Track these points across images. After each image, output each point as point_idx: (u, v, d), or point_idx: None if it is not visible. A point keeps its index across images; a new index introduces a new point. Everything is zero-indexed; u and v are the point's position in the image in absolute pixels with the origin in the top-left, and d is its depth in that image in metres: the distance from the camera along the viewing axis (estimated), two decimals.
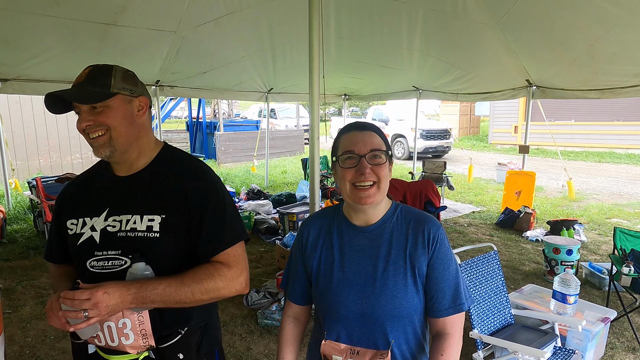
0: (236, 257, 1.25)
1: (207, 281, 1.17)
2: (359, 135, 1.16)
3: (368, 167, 1.13)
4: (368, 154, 1.13)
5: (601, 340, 2.93)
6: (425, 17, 5.11)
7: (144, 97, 1.27)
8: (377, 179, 1.14)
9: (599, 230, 6.12)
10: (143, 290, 1.10)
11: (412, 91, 8.29)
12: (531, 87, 6.21)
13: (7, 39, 4.55)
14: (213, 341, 1.33)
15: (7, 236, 5.63)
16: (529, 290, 3.28)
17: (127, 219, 1.21)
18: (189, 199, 1.22)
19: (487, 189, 9.11)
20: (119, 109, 1.20)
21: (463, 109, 19.63)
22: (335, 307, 1.19)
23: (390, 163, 1.19)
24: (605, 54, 4.69)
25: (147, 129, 1.29)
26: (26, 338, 3.27)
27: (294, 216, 5.54)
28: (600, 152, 13.85)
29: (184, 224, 1.22)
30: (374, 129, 1.19)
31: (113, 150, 1.21)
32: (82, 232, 1.23)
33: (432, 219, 1.21)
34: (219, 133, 13.38)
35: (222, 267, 1.21)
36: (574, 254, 4.20)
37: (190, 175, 1.27)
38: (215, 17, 4.96)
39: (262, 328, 3.40)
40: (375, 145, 1.15)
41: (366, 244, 1.20)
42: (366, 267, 1.18)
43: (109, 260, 1.19)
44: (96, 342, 1.20)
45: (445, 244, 1.19)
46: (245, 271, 1.26)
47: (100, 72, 1.20)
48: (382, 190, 1.15)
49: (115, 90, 1.19)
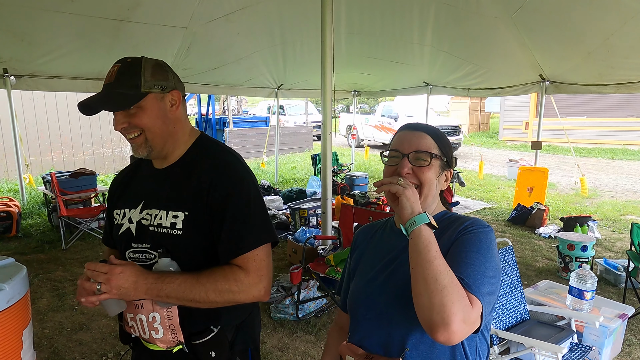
0: (257, 262, 1.16)
1: (222, 283, 1.12)
2: (408, 134, 1.10)
3: (407, 166, 1.05)
4: (411, 154, 1.06)
5: (618, 337, 2.90)
6: (437, 12, 5.08)
7: (177, 90, 1.21)
8: (418, 183, 1.05)
9: (613, 227, 6.05)
10: (159, 282, 1.09)
11: (422, 87, 8.24)
12: (544, 82, 6.14)
13: (22, 36, 4.60)
14: (247, 339, 1.28)
15: (22, 230, 5.71)
16: (544, 286, 3.25)
17: (155, 214, 1.20)
18: (211, 195, 1.16)
19: (498, 185, 9.04)
20: (152, 109, 1.16)
21: (473, 105, 19.48)
22: (359, 303, 1.14)
23: (443, 169, 1.09)
24: (621, 48, 4.62)
25: (181, 122, 1.24)
26: (43, 330, 3.32)
27: (305, 211, 5.55)
28: (613, 149, 13.67)
29: (208, 222, 1.17)
30: (427, 130, 1.11)
31: (150, 150, 1.19)
32: (122, 222, 1.25)
33: (477, 220, 1.07)
34: (228, 129, 13.43)
35: (238, 271, 1.14)
36: (588, 251, 4.16)
37: (216, 171, 1.20)
38: (226, 13, 4.97)
39: (275, 322, 3.41)
40: (422, 147, 1.07)
41: (404, 246, 1.06)
42: (397, 266, 1.09)
43: (142, 252, 1.20)
44: (131, 331, 1.22)
45: (477, 235, 1.01)
46: (265, 278, 1.18)
47: (130, 70, 1.14)
48: (424, 195, 1.06)
49: (146, 89, 1.14)
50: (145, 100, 1.14)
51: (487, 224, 1.07)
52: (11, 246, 5.24)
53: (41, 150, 9.31)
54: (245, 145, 13.29)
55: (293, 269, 3.50)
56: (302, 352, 3.03)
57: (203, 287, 1.10)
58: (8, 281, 1.18)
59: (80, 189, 5.76)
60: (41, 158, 9.29)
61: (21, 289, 1.29)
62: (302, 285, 3.56)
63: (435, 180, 1.07)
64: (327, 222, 4.20)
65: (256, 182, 1.25)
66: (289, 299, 3.53)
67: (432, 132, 1.11)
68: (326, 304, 3.62)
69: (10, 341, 1.13)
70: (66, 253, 5.04)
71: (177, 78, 1.23)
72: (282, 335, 3.24)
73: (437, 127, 2.99)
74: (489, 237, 1.03)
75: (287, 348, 3.07)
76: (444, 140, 1.11)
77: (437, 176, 1.08)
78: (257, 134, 13.46)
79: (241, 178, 1.20)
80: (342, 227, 3.96)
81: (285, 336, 3.23)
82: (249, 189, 1.20)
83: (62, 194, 5.42)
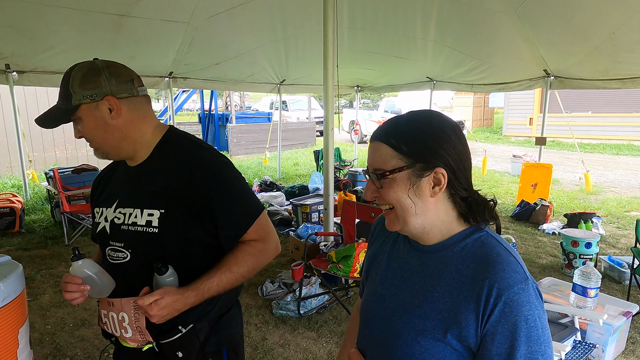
0: (263, 228, 1.24)
1: (250, 260, 1.19)
2: (369, 148, 0.92)
3: (370, 189, 0.89)
4: (371, 174, 0.89)
5: (622, 334, 2.88)
6: (440, 6, 5.03)
7: (112, 96, 1.12)
8: (389, 204, 0.88)
9: (617, 223, 6.00)
10: (200, 294, 1.12)
11: (425, 82, 8.19)
12: (549, 78, 6.08)
13: (24, 31, 4.59)
14: (222, 340, 1.25)
15: (25, 226, 5.73)
16: (547, 283, 3.22)
17: (129, 212, 1.19)
18: (190, 193, 1.15)
19: (502, 181, 9.00)
20: (88, 120, 1.12)
21: (477, 100, 19.38)
22: (364, 322, 1.02)
23: (420, 176, 0.84)
24: (627, 42, 4.56)
25: (133, 124, 1.17)
26: (46, 325, 3.33)
27: (307, 207, 5.53)
28: (618, 145, 13.56)
29: (188, 220, 1.16)
30: (382, 136, 0.87)
31: (105, 155, 1.19)
32: (99, 221, 1.25)
33: (509, 269, 0.81)
34: (230, 125, 13.42)
35: (255, 244, 1.21)
36: (592, 247, 4.13)
37: (189, 167, 1.18)
38: (228, 8, 4.94)
39: (277, 318, 3.41)
40: (376, 163, 0.87)
41: (415, 265, 0.93)
42: (404, 292, 0.93)
43: (116, 251, 1.20)
44: (105, 327, 1.22)
45: (519, 314, 0.78)
46: (274, 235, 1.26)
47: (63, 81, 1.12)
48: (401, 218, 0.87)
49: (76, 101, 1.10)
50: (79, 111, 1.11)
51: (524, 275, 0.81)
52: (14, 242, 5.26)
53: (44, 146, 9.33)
54: (247, 141, 13.28)
55: (295, 266, 3.49)
56: (304, 348, 3.03)
57: (237, 274, 1.16)
58: (3, 279, 1.17)
59: (82, 185, 5.76)
60: (44, 154, 9.32)
61: (17, 287, 1.28)
62: (304, 281, 3.55)
63: (406, 196, 0.85)
64: (329, 219, 4.18)
65: (231, 164, 1.25)
66: (291, 295, 3.52)
67: (389, 135, 0.87)
68: (328, 300, 3.61)
69: (6, 340, 1.12)
70: (69, 249, 5.05)
71: (118, 80, 1.14)
72: (283, 331, 3.24)
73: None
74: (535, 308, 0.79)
75: (288, 344, 3.07)
76: (410, 138, 0.85)
77: (409, 188, 0.85)
78: (260, 130, 13.45)
79: (217, 170, 1.20)
80: (344, 224, 3.95)
81: (286, 332, 3.22)
82: (226, 176, 1.20)
83: (64, 189, 5.43)
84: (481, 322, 0.80)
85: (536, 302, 0.79)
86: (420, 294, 0.89)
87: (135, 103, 1.17)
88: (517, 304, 0.78)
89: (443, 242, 0.89)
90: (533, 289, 0.80)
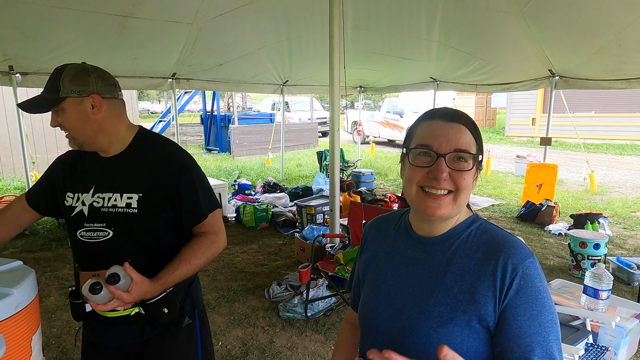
0: (217, 222, 1.46)
1: (205, 252, 1.40)
2: (443, 127, 0.88)
3: (446, 171, 0.87)
4: (450, 154, 0.87)
5: (634, 337, 2.84)
6: (445, 6, 5.00)
7: (96, 94, 1.32)
8: (454, 188, 0.88)
9: (624, 224, 5.96)
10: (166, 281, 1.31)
11: (429, 82, 8.15)
12: (554, 78, 6.04)
13: (27, 33, 4.57)
14: (195, 300, 1.51)
15: (29, 228, 5.71)
16: (557, 285, 3.19)
17: (108, 197, 1.37)
18: (164, 180, 1.37)
19: (506, 182, 8.96)
20: (71, 112, 1.30)
21: (479, 101, 19.34)
22: (369, 324, 1.00)
23: (478, 170, 0.92)
24: (634, 42, 4.53)
25: (111, 120, 1.37)
26: (51, 329, 3.31)
27: (312, 209, 5.51)
28: (622, 145, 13.51)
29: (161, 202, 1.37)
30: (466, 121, 0.90)
31: (80, 145, 1.36)
32: (75, 205, 1.39)
33: (517, 246, 0.88)
34: (233, 126, 13.40)
35: (209, 236, 1.43)
36: (601, 248, 4.09)
37: (163, 158, 1.41)
38: (232, 8, 4.92)
39: (284, 321, 3.38)
40: (463, 145, 0.87)
41: (420, 257, 0.95)
42: (412, 285, 0.93)
43: (95, 231, 1.36)
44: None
45: (532, 286, 0.84)
46: (223, 230, 1.49)
47: (53, 77, 1.29)
48: (459, 204, 0.90)
49: (64, 94, 1.28)
50: (65, 103, 1.29)
51: (529, 250, 0.89)
52: (18, 244, 5.24)
53: (47, 148, 9.32)
54: (250, 142, 13.26)
55: (302, 268, 3.46)
56: (312, 351, 3.00)
57: (195, 265, 1.37)
58: (16, 285, 1.15)
59: None
60: (47, 155, 9.30)
61: (30, 293, 1.26)
62: (311, 283, 3.52)
63: (472, 182, 0.90)
64: (335, 220, 4.16)
65: (195, 161, 1.47)
66: (298, 297, 3.50)
67: (470, 123, 0.91)
68: (335, 302, 3.58)
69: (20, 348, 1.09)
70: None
71: (104, 83, 1.35)
72: (291, 334, 3.21)
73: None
74: (543, 280, 0.87)
75: (296, 347, 3.04)
76: (479, 133, 0.93)
77: (475, 176, 0.91)
78: (262, 131, 13.42)
79: (185, 163, 1.43)
80: (351, 225, 3.92)
81: (294, 335, 3.19)
82: (195, 170, 1.44)
83: None
84: (499, 298, 0.84)
85: (542, 275, 0.87)
86: (431, 283, 0.91)
87: (114, 104, 1.38)
88: (531, 276, 0.84)
89: (449, 232, 0.94)
90: (538, 262, 0.88)
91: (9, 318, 1.12)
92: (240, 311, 3.55)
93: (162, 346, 1.42)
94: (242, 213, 6.02)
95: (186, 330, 1.47)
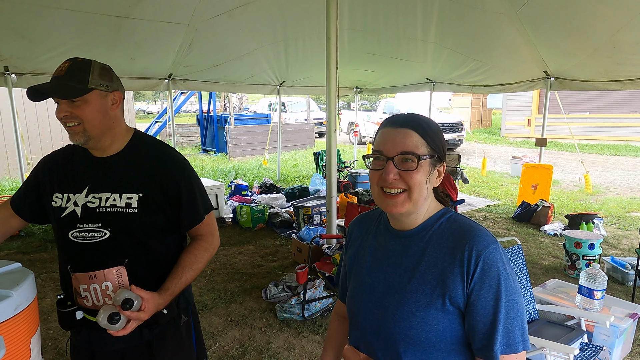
0: (212, 224, 1.51)
1: (205, 256, 1.46)
2: (391, 133, 0.99)
3: (393, 171, 0.97)
4: (397, 157, 0.97)
5: (629, 336, 2.87)
6: (441, 8, 5.03)
7: (119, 91, 1.39)
8: (407, 187, 0.98)
9: (618, 224, 6.01)
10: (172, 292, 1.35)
11: (425, 83, 8.19)
12: (549, 79, 6.09)
13: (23, 33, 4.55)
14: (188, 299, 1.55)
15: (24, 229, 5.69)
16: (552, 285, 3.22)
17: (106, 197, 1.36)
18: (164, 182, 1.39)
19: (502, 182, 9.01)
20: (95, 103, 1.32)
21: (475, 101, 19.41)
22: (355, 313, 1.11)
23: (434, 166, 1.01)
24: (628, 44, 4.58)
25: (119, 119, 1.42)
26: (47, 330, 3.30)
27: (309, 210, 5.52)
28: (616, 145, 13.61)
29: (160, 202, 1.39)
30: (412, 124, 0.99)
31: (87, 139, 1.34)
32: (66, 206, 1.37)
33: (481, 234, 0.98)
34: (229, 127, 13.38)
35: (206, 239, 1.48)
36: (596, 249, 4.13)
37: (162, 161, 1.44)
38: (228, 9, 4.92)
39: (281, 322, 3.39)
40: (407, 147, 0.97)
41: (398, 250, 1.06)
42: (392, 275, 1.04)
43: (90, 232, 1.34)
44: (85, 302, 1.33)
45: (495, 270, 0.94)
46: (217, 232, 1.54)
47: (80, 68, 1.30)
48: (414, 200, 0.99)
49: (93, 86, 1.30)
50: (91, 94, 1.31)
51: (493, 238, 0.99)
52: (14, 245, 5.22)
53: (43, 149, 9.27)
54: (246, 143, 13.25)
55: (299, 269, 3.47)
56: (309, 352, 3.01)
57: (196, 269, 1.42)
58: (15, 287, 1.16)
59: None
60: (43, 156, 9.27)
61: (29, 295, 1.27)
62: (308, 284, 3.53)
63: (425, 181, 0.99)
64: (332, 221, 4.17)
65: (190, 164, 1.51)
66: (295, 298, 3.50)
67: (418, 125, 1.00)
68: (332, 303, 3.59)
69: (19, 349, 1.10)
70: None
71: (119, 82, 1.42)
72: (288, 335, 3.22)
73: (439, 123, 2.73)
74: (506, 264, 0.96)
75: (293, 348, 3.05)
76: (433, 132, 1.00)
77: (428, 176, 1.00)
78: (259, 132, 13.41)
79: (183, 166, 1.46)
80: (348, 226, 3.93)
81: (291, 336, 3.20)
82: (191, 172, 1.47)
83: None
84: (466, 282, 0.95)
85: (504, 259, 0.97)
86: (408, 272, 1.02)
87: (122, 106, 1.44)
88: (493, 260, 0.95)
89: (422, 224, 1.04)
90: (501, 248, 0.98)
91: (9, 320, 1.12)
92: (238, 312, 3.56)
93: (165, 345, 1.45)
94: (239, 214, 6.03)
95: (184, 327, 1.52)
